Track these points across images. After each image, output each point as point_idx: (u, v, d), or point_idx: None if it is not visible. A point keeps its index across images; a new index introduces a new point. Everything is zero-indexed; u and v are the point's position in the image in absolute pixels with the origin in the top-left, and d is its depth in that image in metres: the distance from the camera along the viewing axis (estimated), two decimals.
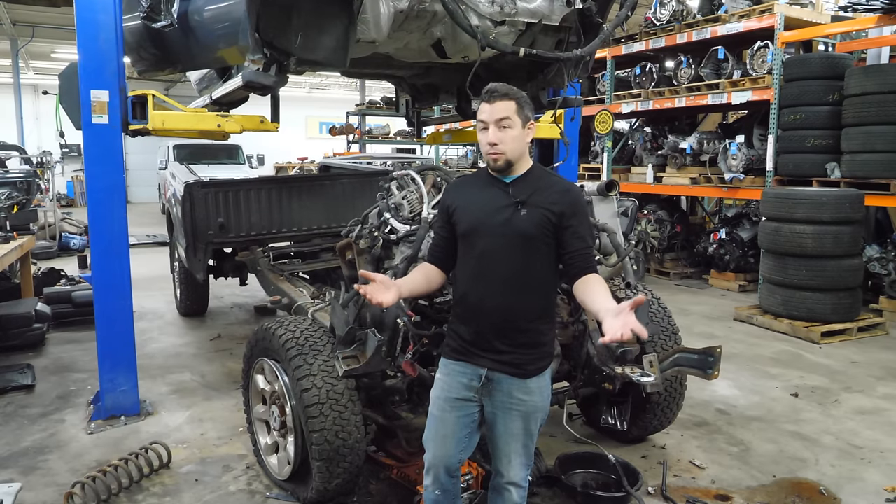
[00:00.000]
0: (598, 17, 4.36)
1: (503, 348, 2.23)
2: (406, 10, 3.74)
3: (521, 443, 2.30)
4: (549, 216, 2.19)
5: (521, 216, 2.20)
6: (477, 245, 2.26)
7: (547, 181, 2.28)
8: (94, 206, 3.97)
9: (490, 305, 2.24)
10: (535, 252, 2.22)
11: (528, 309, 2.25)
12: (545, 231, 2.20)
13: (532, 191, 2.23)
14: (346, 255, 3.46)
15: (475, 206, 2.30)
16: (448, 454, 2.33)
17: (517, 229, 2.20)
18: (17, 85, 19.49)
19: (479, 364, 2.27)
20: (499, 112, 2.19)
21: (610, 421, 3.77)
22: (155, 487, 3.35)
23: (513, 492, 2.35)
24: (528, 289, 2.24)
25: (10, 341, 5.49)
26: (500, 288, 2.23)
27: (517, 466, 2.32)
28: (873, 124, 6.70)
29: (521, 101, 2.22)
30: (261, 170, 18.53)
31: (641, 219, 8.56)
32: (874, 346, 5.98)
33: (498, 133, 2.20)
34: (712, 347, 3.05)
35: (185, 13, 4.02)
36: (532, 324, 2.25)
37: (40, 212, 10.64)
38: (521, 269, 2.23)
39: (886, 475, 3.54)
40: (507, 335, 2.23)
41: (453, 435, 2.31)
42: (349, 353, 2.94)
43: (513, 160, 2.23)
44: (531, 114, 2.26)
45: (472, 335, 2.28)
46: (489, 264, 2.25)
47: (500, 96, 2.20)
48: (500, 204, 2.24)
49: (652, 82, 9.05)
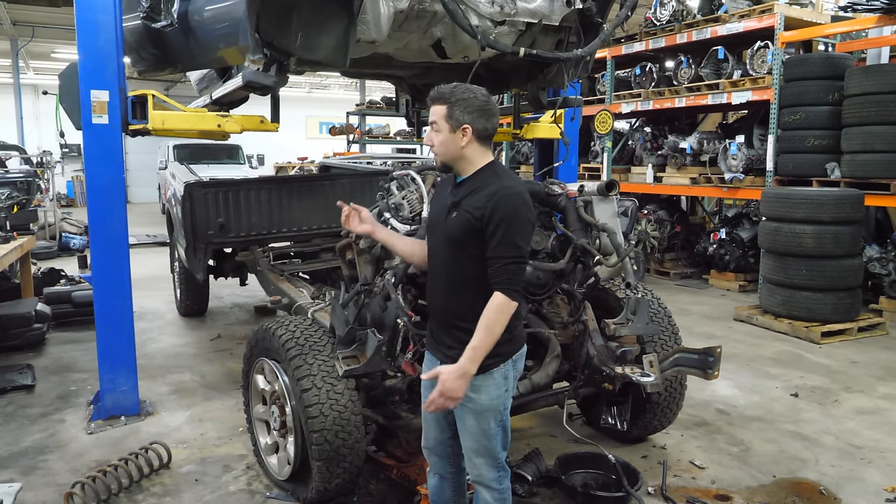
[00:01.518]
0: (598, 17, 4.36)
1: (449, 343, 2.29)
2: (406, 10, 3.75)
3: (480, 442, 2.29)
4: (472, 220, 2.16)
5: (451, 218, 2.24)
6: (429, 242, 2.39)
7: (485, 184, 2.20)
8: (94, 206, 3.97)
9: (435, 302, 2.36)
10: (463, 254, 2.21)
11: (464, 309, 2.24)
12: (470, 235, 2.17)
13: (467, 193, 2.23)
14: (346, 255, 3.45)
15: (434, 205, 2.42)
16: (434, 437, 2.44)
17: (446, 231, 2.25)
18: (17, 85, 19.48)
19: (436, 356, 2.36)
20: (431, 115, 2.27)
21: (610, 421, 3.77)
22: (155, 487, 3.35)
23: (483, 491, 2.34)
24: (463, 290, 2.24)
25: (10, 341, 5.49)
26: (442, 287, 2.32)
27: (480, 466, 2.31)
28: (873, 124, 6.70)
29: (454, 105, 2.19)
30: (261, 170, 18.52)
31: (641, 219, 8.56)
32: (874, 346, 5.98)
33: (430, 134, 2.28)
34: (712, 347, 3.05)
35: (185, 13, 4.02)
36: (469, 324, 2.18)
37: (40, 212, 10.64)
38: (453, 271, 2.26)
39: (886, 475, 3.54)
40: (450, 332, 2.29)
41: (434, 420, 2.43)
42: (349, 353, 2.94)
43: (446, 162, 2.28)
44: (467, 117, 2.19)
45: (433, 327, 2.40)
46: (433, 263, 2.37)
47: (433, 99, 2.25)
48: (444, 204, 2.31)
49: (652, 82, 9.04)
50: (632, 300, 3.15)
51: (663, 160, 9.19)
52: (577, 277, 3.22)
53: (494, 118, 2.27)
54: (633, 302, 3.14)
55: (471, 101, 2.20)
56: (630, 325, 3.13)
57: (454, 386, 2.12)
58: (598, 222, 3.20)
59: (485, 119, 2.22)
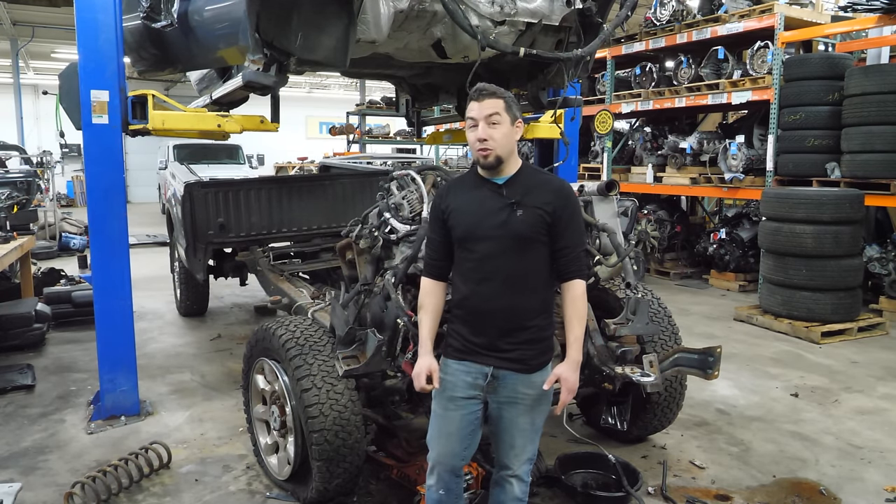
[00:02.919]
0: (598, 17, 4.36)
1: (508, 347, 2.27)
2: (406, 10, 3.74)
3: (528, 437, 2.35)
4: (544, 216, 2.23)
5: (518, 217, 2.23)
6: (476, 248, 2.28)
7: (538, 180, 2.31)
8: (94, 206, 3.96)
9: (493, 307, 2.28)
10: (532, 252, 2.26)
11: (529, 308, 2.28)
12: (540, 231, 2.24)
13: (525, 191, 2.26)
14: (346, 255, 3.46)
15: (470, 209, 2.30)
16: (452, 452, 2.35)
17: (514, 231, 2.23)
18: (17, 85, 19.49)
19: (484, 363, 2.29)
20: (488, 108, 2.24)
21: (610, 421, 3.76)
22: (155, 487, 3.35)
23: (514, 484, 2.37)
24: (529, 288, 2.27)
25: (10, 341, 5.49)
26: (502, 289, 2.26)
27: (522, 460, 2.36)
28: (873, 124, 6.70)
29: (509, 100, 2.27)
30: (261, 170, 18.51)
31: (641, 219, 8.54)
32: (874, 346, 5.98)
33: (488, 129, 2.23)
34: (712, 347, 3.05)
35: (185, 13, 4.02)
36: (534, 321, 2.28)
37: (40, 212, 10.65)
38: (520, 270, 2.26)
39: (886, 475, 3.54)
40: (511, 334, 2.27)
41: (457, 433, 2.33)
42: (349, 353, 2.94)
43: (503, 157, 2.26)
44: (519, 113, 2.30)
45: (476, 335, 2.30)
46: (489, 267, 2.27)
47: (488, 94, 2.26)
48: (496, 206, 2.26)
49: (652, 82, 9.04)
50: (632, 300, 3.15)
51: (663, 160, 9.19)
52: None
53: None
54: (633, 302, 3.15)
55: (516, 101, 2.32)
56: (630, 325, 3.13)
57: (575, 378, 2.25)
58: (598, 222, 3.21)
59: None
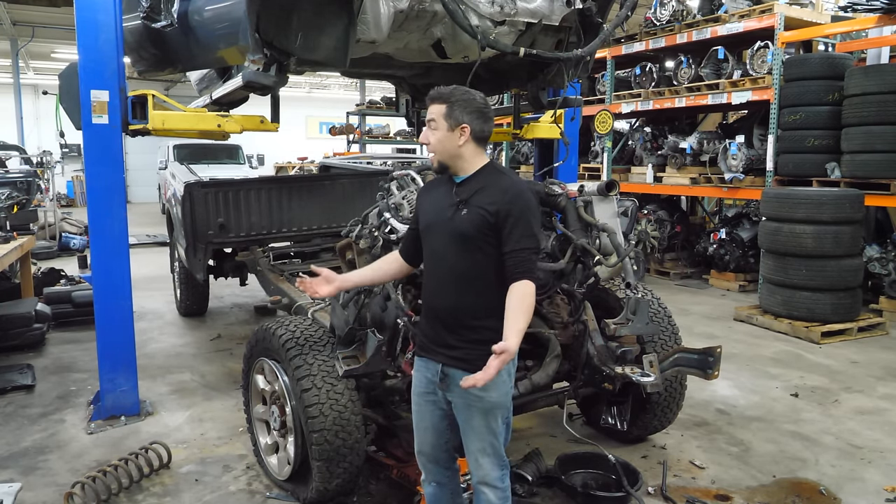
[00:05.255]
0: (598, 17, 4.36)
1: (455, 344, 2.28)
2: (406, 10, 3.75)
3: (486, 441, 2.30)
4: (486, 216, 2.21)
5: (462, 216, 2.24)
6: (429, 244, 2.37)
7: (492, 180, 2.27)
8: (94, 206, 3.97)
9: (440, 303, 2.32)
10: (476, 251, 2.24)
11: (475, 307, 2.26)
12: (484, 231, 2.22)
13: (475, 191, 2.26)
14: (346, 255, 3.46)
15: (430, 206, 2.39)
16: (431, 444, 2.42)
17: (457, 229, 2.25)
18: (17, 85, 19.49)
19: (435, 359, 2.33)
20: (428, 114, 2.29)
21: (610, 421, 3.76)
22: (155, 487, 3.35)
23: (487, 492, 2.33)
24: (474, 287, 2.26)
25: (10, 341, 5.49)
26: (448, 286, 2.29)
27: (486, 466, 2.32)
28: (873, 124, 6.70)
29: (455, 104, 2.25)
30: (261, 170, 18.51)
31: (641, 219, 8.55)
32: (874, 346, 5.98)
33: (426, 133, 2.29)
34: (712, 347, 3.05)
35: (185, 13, 4.02)
36: (480, 321, 2.25)
37: (40, 212, 10.65)
38: (464, 268, 2.26)
39: (886, 475, 3.54)
40: (457, 331, 2.28)
41: (432, 427, 2.41)
42: (349, 353, 2.94)
43: (444, 161, 2.29)
44: (467, 118, 2.24)
45: (429, 331, 2.37)
46: (438, 262, 2.33)
47: (431, 98, 2.29)
48: (446, 203, 2.30)
49: (652, 82, 9.04)
50: (632, 300, 3.15)
51: (663, 160, 9.19)
52: (577, 277, 3.22)
53: (491, 122, 2.35)
54: (633, 302, 3.14)
55: (469, 103, 2.27)
56: (630, 325, 3.13)
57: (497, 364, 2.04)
58: (598, 222, 3.20)
59: (482, 121, 2.29)
